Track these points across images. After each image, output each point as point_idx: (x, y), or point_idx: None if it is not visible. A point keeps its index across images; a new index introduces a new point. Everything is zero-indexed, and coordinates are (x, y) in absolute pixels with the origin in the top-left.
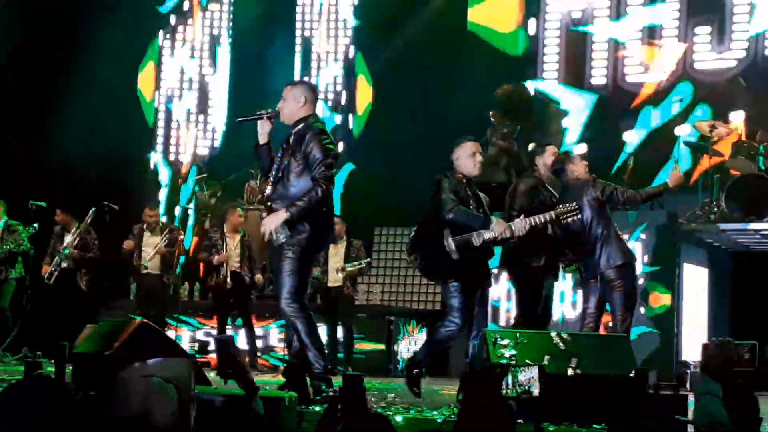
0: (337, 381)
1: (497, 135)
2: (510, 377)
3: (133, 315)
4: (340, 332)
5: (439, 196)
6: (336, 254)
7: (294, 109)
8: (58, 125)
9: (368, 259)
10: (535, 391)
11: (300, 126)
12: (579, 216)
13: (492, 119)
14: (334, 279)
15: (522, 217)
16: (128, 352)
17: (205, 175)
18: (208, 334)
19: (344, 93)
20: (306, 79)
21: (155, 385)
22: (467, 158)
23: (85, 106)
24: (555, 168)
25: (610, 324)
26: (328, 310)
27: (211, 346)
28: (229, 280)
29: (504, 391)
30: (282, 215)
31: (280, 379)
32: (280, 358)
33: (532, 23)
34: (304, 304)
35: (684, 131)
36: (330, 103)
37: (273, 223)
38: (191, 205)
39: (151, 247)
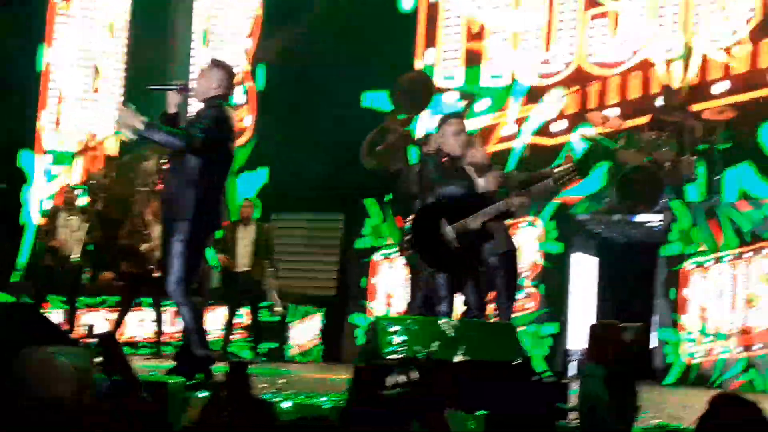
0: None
1: (398, 121)
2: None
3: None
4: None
5: (428, 180)
6: (244, 237)
7: (206, 87)
8: None
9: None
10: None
11: (204, 106)
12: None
13: (392, 103)
14: (243, 264)
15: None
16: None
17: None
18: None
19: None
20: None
21: (61, 366)
22: (452, 136)
23: None
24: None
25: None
26: (229, 294)
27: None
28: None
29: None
30: (138, 120)
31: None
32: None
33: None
34: (188, 289)
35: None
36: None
37: (125, 116)
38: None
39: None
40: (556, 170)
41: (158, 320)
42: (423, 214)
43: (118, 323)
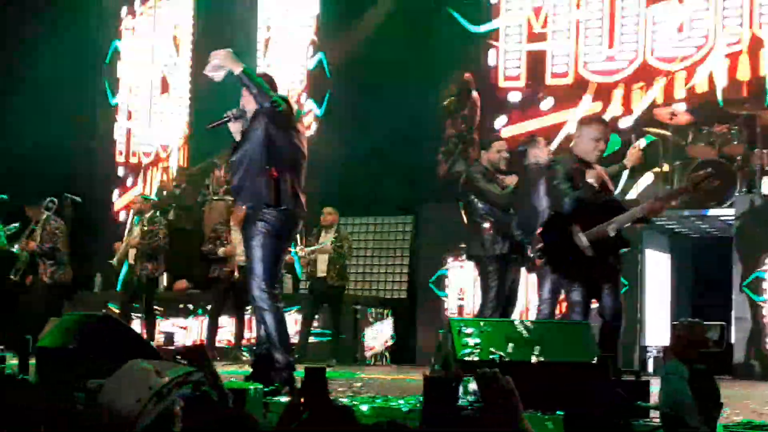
0: (300, 372)
1: (455, 122)
2: (462, 387)
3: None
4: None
5: (557, 187)
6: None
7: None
8: (10, 118)
9: (325, 242)
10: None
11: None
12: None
13: (446, 107)
14: (322, 270)
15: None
16: (91, 346)
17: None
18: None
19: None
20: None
21: (135, 370)
22: (592, 141)
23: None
24: (518, 150)
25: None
26: (318, 300)
27: (178, 340)
28: (236, 273)
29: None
30: (238, 66)
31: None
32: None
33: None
34: (274, 293)
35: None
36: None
37: (226, 56)
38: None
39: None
40: (693, 175)
41: (240, 325)
42: (553, 222)
43: (211, 331)
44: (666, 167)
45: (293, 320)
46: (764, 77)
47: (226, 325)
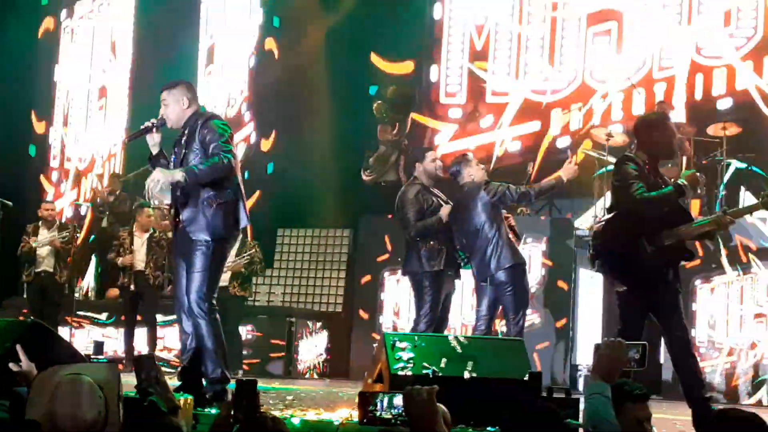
0: (232, 384)
1: (387, 130)
2: (384, 400)
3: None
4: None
5: (627, 183)
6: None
7: (179, 111)
8: None
9: (249, 253)
10: None
11: (189, 123)
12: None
13: (378, 114)
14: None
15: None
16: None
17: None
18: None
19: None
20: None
21: (85, 384)
22: (669, 138)
23: None
24: (451, 170)
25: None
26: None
27: (109, 347)
28: (132, 280)
29: (377, 414)
30: (178, 174)
31: (176, 381)
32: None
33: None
34: (213, 305)
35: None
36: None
37: (164, 178)
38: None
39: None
40: (765, 194)
41: (152, 335)
42: (612, 221)
43: (126, 342)
44: (600, 186)
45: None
46: (700, 101)
47: (138, 335)
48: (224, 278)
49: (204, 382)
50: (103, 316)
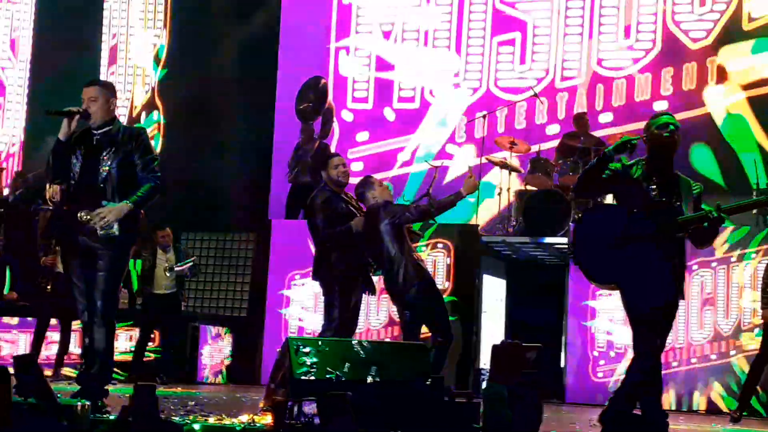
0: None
1: (308, 129)
2: (295, 407)
3: None
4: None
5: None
6: (167, 261)
7: (104, 112)
8: None
9: (193, 258)
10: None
11: (110, 127)
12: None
13: (301, 111)
14: (165, 286)
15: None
16: None
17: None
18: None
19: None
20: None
21: None
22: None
23: None
24: (357, 193)
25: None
26: (152, 317)
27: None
28: (50, 282)
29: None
30: (125, 207)
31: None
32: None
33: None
34: (113, 310)
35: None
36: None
37: (114, 215)
38: None
39: None
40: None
41: (64, 341)
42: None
43: (36, 344)
44: (505, 195)
45: (128, 336)
46: (599, 112)
47: (49, 338)
48: (159, 284)
49: (101, 388)
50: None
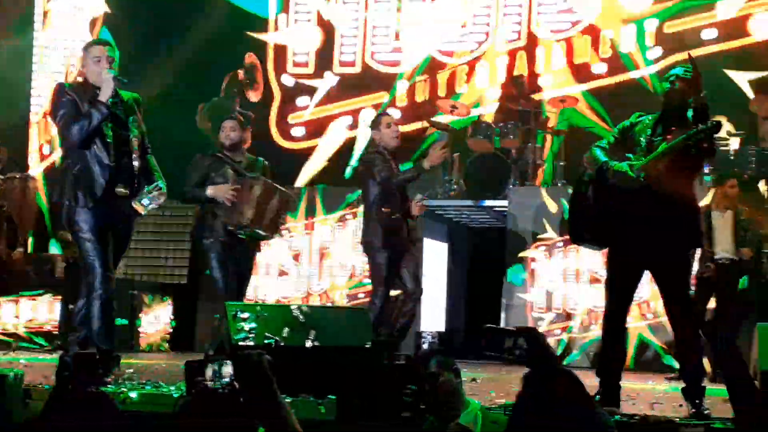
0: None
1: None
2: (213, 368)
3: None
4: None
5: None
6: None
7: (98, 69)
8: None
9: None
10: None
11: (112, 90)
12: None
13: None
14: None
15: None
16: None
17: None
18: None
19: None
20: None
21: None
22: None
23: None
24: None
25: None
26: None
27: None
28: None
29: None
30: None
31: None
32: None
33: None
34: None
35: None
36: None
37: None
38: None
39: None
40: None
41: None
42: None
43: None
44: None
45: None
46: (539, 75)
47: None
48: None
49: None
50: None
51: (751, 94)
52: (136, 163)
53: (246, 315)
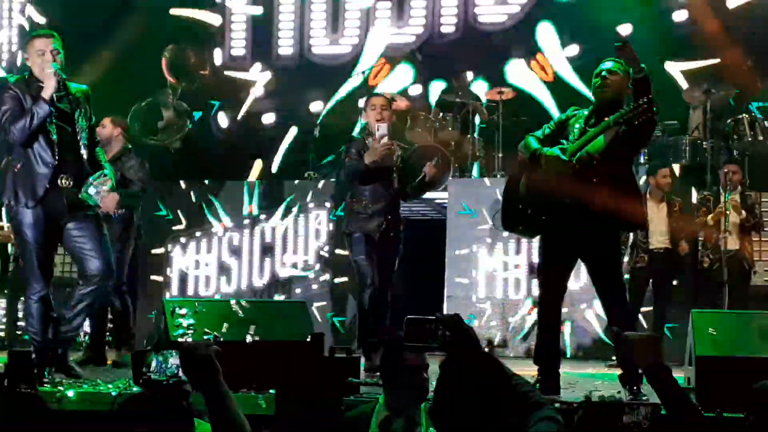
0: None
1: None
2: (158, 360)
3: None
4: None
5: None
6: None
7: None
8: None
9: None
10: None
11: (54, 85)
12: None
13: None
14: None
15: None
16: None
17: None
18: None
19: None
20: None
21: None
22: None
23: None
24: None
25: None
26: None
27: None
28: None
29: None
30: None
31: None
32: None
33: None
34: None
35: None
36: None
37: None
38: None
39: None
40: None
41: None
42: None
43: None
44: None
45: None
46: (477, 67)
47: None
48: None
49: None
50: None
51: (684, 84)
52: (83, 157)
53: (184, 311)
